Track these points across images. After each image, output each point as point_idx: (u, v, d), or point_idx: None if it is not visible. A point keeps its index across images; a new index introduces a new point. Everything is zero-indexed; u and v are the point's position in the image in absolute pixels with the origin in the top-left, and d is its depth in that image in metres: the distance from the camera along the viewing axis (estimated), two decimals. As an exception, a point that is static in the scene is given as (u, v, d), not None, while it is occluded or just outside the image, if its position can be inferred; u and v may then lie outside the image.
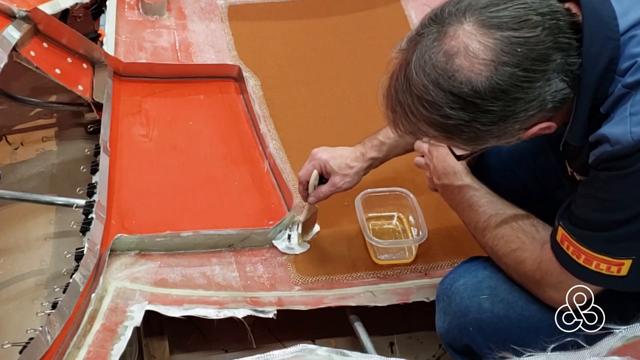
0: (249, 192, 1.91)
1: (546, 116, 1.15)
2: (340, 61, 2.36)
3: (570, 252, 1.21)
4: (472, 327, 1.33)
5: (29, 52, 1.95)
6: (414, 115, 1.14)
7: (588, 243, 1.18)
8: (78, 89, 2.03)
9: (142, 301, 1.57)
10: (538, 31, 1.09)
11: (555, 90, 1.11)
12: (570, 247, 1.20)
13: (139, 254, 1.70)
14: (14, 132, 2.23)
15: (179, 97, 2.18)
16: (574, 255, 1.20)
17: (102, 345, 1.45)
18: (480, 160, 1.58)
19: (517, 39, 1.08)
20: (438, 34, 1.11)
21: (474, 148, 1.22)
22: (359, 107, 2.21)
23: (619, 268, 1.18)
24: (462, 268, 1.43)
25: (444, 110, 1.11)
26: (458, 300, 1.35)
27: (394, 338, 1.81)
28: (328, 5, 2.56)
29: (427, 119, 1.13)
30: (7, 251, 1.88)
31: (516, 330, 1.30)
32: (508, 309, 1.31)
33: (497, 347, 1.27)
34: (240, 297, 1.64)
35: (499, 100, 1.09)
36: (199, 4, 2.54)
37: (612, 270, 1.18)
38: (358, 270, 1.75)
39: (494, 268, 1.38)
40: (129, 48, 2.29)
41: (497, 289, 1.33)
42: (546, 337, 1.18)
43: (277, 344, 1.75)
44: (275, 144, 2.06)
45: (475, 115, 1.11)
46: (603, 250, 1.17)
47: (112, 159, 1.90)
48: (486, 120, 1.11)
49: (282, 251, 1.76)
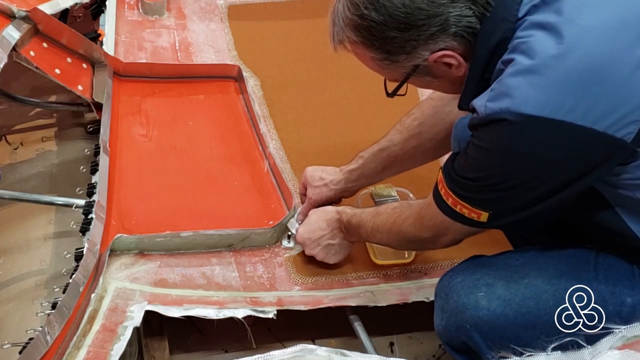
0: (249, 192, 1.91)
1: (451, 45, 1.24)
2: (340, 61, 2.35)
3: (442, 194, 1.33)
4: (469, 324, 1.33)
5: (29, 52, 1.95)
6: (343, 20, 1.29)
7: (453, 189, 1.30)
8: (78, 89, 2.03)
9: (142, 301, 1.57)
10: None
11: (460, 14, 1.21)
12: (443, 190, 1.33)
13: (138, 254, 1.70)
14: (13, 132, 2.23)
15: (179, 97, 2.18)
16: (445, 197, 1.32)
17: (102, 345, 1.45)
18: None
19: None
20: None
21: (391, 68, 1.31)
22: (359, 107, 2.21)
23: (478, 216, 1.29)
24: (459, 266, 1.44)
25: (360, 10, 1.24)
26: (455, 298, 1.36)
27: (394, 338, 1.81)
28: (328, 5, 2.53)
29: (350, 21, 1.27)
30: (7, 251, 1.88)
31: (513, 328, 1.30)
32: (505, 306, 1.32)
33: (494, 345, 1.28)
34: (240, 297, 1.64)
35: (405, 7, 1.20)
36: (199, 4, 2.54)
37: (472, 216, 1.30)
38: (358, 270, 1.75)
39: (491, 266, 1.38)
40: (128, 48, 2.29)
41: (494, 287, 1.34)
42: (543, 335, 1.18)
43: (277, 344, 1.75)
44: (275, 144, 2.06)
45: (384, 18, 1.22)
46: (463, 198, 1.29)
47: (112, 159, 1.90)
48: (393, 25, 1.23)
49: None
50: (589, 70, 1.14)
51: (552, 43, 1.15)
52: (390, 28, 1.23)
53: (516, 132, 1.17)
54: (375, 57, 1.30)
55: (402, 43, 1.25)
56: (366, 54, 1.31)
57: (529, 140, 1.17)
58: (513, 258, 1.39)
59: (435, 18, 1.21)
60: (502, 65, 1.20)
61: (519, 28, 1.20)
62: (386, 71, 1.34)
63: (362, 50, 1.31)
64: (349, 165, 1.77)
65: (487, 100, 1.19)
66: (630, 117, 1.14)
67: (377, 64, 1.32)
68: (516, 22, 1.20)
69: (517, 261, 1.38)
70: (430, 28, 1.22)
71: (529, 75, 1.15)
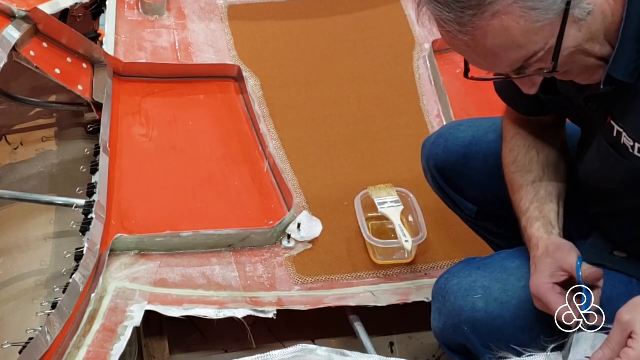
0: (249, 192, 1.91)
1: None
2: (340, 61, 2.36)
3: None
4: (466, 326, 1.33)
5: (29, 52, 1.95)
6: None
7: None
8: (78, 89, 2.03)
9: (142, 301, 1.57)
10: None
11: None
12: None
13: (138, 254, 1.70)
14: (13, 132, 2.23)
15: (179, 97, 2.18)
16: None
17: (102, 345, 1.45)
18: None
19: None
20: None
21: (541, 26, 1.03)
22: (359, 107, 2.21)
23: None
24: (456, 268, 1.43)
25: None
26: (452, 300, 1.35)
27: (394, 338, 1.81)
28: (328, 5, 2.56)
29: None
30: (7, 251, 1.88)
31: (510, 330, 1.30)
32: (502, 308, 1.31)
33: (491, 347, 1.27)
34: (240, 297, 1.64)
35: None
36: (199, 4, 2.54)
37: None
38: (358, 270, 1.75)
39: (487, 268, 1.38)
40: (128, 48, 2.29)
41: (491, 289, 1.33)
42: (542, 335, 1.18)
43: (277, 344, 1.75)
44: (275, 144, 2.06)
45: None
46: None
47: (112, 159, 1.90)
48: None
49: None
50: None
51: None
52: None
53: None
54: (525, 8, 1.01)
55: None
56: (515, 12, 1.02)
57: None
58: (509, 260, 1.39)
59: None
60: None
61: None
62: (532, 36, 1.04)
63: (512, 9, 1.01)
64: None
65: None
66: None
67: (525, 26, 1.03)
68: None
69: (513, 263, 1.37)
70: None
71: None
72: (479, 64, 1.12)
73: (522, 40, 1.05)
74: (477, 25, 1.02)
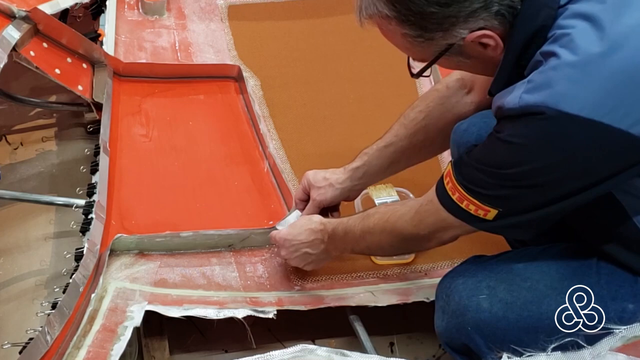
0: (249, 192, 1.91)
1: (491, 24, 1.19)
2: (340, 61, 2.36)
3: (448, 189, 1.29)
4: (470, 326, 1.33)
5: (29, 52, 1.94)
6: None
7: (462, 184, 1.26)
8: (78, 89, 2.03)
9: (142, 301, 1.57)
10: None
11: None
12: (450, 184, 1.28)
13: (138, 254, 1.70)
14: (13, 132, 2.23)
15: (179, 97, 2.18)
16: (450, 192, 1.28)
17: (102, 345, 1.45)
18: None
19: None
20: None
21: (423, 46, 1.25)
22: (359, 107, 2.21)
23: (485, 213, 1.25)
24: (461, 267, 1.43)
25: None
26: (457, 300, 1.35)
27: (394, 338, 1.81)
28: (328, 5, 2.56)
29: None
30: (7, 251, 1.88)
31: (514, 331, 1.30)
32: (506, 309, 1.31)
33: (495, 347, 1.27)
34: (240, 297, 1.64)
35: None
36: (199, 4, 2.54)
37: (479, 213, 1.26)
38: (358, 270, 1.75)
39: (492, 268, 1.38)
40: (128, 48, 2.29)
41: (496, 289, 1.33)
42: (545, 337, 1.18)
43: (277, 344, 1.75)
44: (275, 144, 2.06)
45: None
46: (473, 193, 1.25)
47: (112, 159, 1.90)
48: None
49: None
50: (631, 73, 1.11)
51: (595, 38, 1.12)
52: (430, 2, 1.18)
53: (551, 128, 1.13)
54: (408, 34, 1.24)
55: (441, 19, 1.19)
56: (397, 30, 1.25)
57: (563, 139, 1.14)
58: (514, 260, 1.39)
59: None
60: (542, 56, 1.16)
61: (560, 16, 1.16)
62: (416, 50, 1.27)
63: (394, 27, 1.24)
64: (353, 163, 1.69)
65: (523, 91, 1.15)
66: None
67: (408, 42, 1.26)
68: (558, 9, 1.16)
69: (519, 264, 1.37)
70: (473, 4, 1.17)
71: (571, 71, 1.12)
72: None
73: (408, 48, 1.28)
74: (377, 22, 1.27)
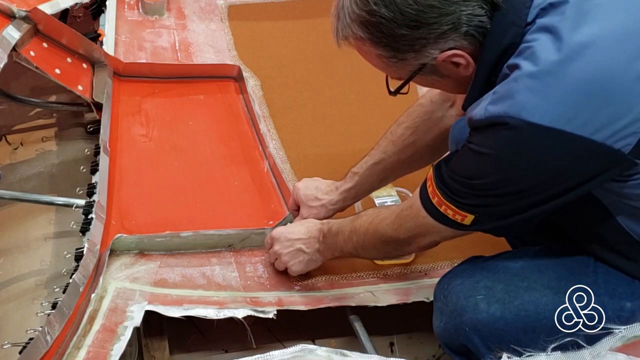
0: (248, 192, 1.91)
1: (460, 44, 1.22)
2: (340, 61, 2.36)
3: (429, 192, 1.33)
4: (468, 327, 1.33)
5: (29, 52, 1.95)
6: (349, 16, 1.26)
7: (441, 188, 1.30)
8: (78, 89, 2.03)
9: (142, 301, 1.57)
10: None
11: (471, 13, 1.20)
12: (430, 187, 1.33)
13: (138, 254, 1.70)
14: (13, 132, 2.23)
15: (179, 97, 2.18)
16: (431, 195, 1.32)
17: (102, 345, 1.45)
18: None
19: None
20: None
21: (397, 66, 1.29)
22: (359, 107, 2.21)
23: (462, 218, 1.29)
24: (459, 268, 1.43)
25: (369, 6, 1.21)
26: (454, 300, 1.35)
27: (394, 338, 1.81)
28: (328, 5, 2.51)
29: (358, 17, 1.24)
30: (7, 251, 1.88)
31: (512, 331, 1.30)
32: (504, 309, 1.32)
33: (493, 347, 1.28)
34: (240, 297, 1.64)
35: (416, 4, 1.19)
36: (199, 4, 2.54)
37: (457, 218, 1.30)
38: (358, 270, 1.75)
39: (490, 269, 1.38)
40: (128, 48, 2.29)
41: (493, 289, 1.34)
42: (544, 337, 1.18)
43: (277, 344, 1.74)
44: (275, 144, 2.06)
45: (394, 15, 1.20)
46: (450, 199, 1.29)
47: (112, 159, 1.90)
48: (403, 22, 1.20)
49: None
50: (590, 81, 1.13)
51: (553, 49, 1.14)
52: (401, 25, 1.21)
53: (515, 137, 1.16)
54: (382, 54, 1.28)
55: (412, 41, 1.23)
56: (372, 51, 1.29)
57: (527, 148, 1.17)
58: (512, 261, 1.39)
59: (448, 16, 1.19)
60: (508, 69, 1.20)
61: (528, 32, 1.19)
62: (391, 69, 1.31)
63: (368, 48, 1.28)
64: (345, 184, 1.72)
65: (488, 103, 1.19)
66: (629, 129, 1.14)
67: (383, 62, 1.30)
68: (525, 27, 1.19)
69: (516, 264, 1.38)
70: (442, 26, 1.20)
71: (531, 82, 1.15)
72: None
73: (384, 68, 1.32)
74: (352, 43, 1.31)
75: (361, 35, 1.26)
